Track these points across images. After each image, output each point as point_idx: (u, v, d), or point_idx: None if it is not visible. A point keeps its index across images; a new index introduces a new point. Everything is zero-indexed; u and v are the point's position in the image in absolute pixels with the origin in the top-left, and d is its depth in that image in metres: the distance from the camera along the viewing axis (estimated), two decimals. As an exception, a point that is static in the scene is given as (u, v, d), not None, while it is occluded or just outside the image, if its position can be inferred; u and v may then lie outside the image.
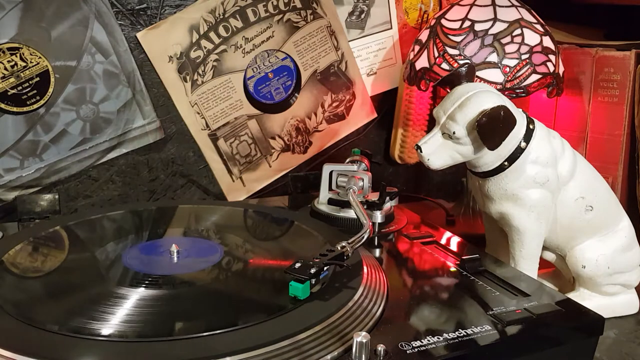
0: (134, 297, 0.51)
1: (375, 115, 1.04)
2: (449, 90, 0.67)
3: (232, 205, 0.81)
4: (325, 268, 0.51)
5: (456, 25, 0.82)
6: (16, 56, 0.80)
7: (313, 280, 0.50)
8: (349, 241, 0.55)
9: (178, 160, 0.92)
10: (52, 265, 0.60)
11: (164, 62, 0.87)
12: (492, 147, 0.62)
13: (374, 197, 0.73)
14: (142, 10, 0.85)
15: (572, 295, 0.66)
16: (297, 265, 0.51)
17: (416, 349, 0.46)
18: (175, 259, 0.60)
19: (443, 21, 0.84)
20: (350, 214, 0.73)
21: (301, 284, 0.49)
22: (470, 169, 0.69)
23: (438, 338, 0.48)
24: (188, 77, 0.89)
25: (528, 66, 0.79)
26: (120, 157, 0.88)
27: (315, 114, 0.99)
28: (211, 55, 0.89)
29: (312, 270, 0.50)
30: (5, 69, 0.79)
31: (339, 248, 0.54)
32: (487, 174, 0.67)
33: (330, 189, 0.77)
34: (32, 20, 0.79)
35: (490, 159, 0.65)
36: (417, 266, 0.64)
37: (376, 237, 0.70)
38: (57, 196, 0.77)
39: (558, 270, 0.75)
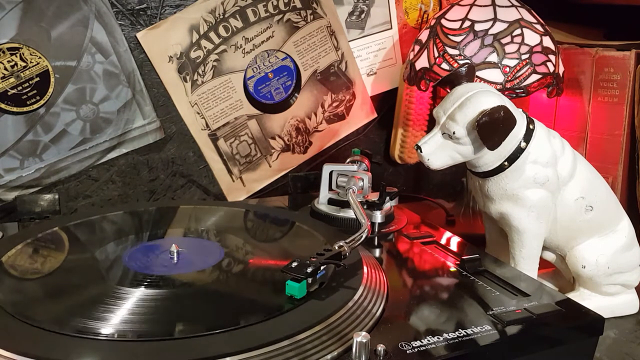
0: (134, 297, 0.51)
1: (375, 115, 1.04)
2: (449, 90, 0.67)
3: (232, 206, 0.81)
4: (322, 267, 0.51)
5: (456, 25, 0.82)
6: (16, 56, 0.80)
7: (310, 280, 0.50)
8: (347, 241, 0.55)
9: (178, 160, 0.92)
10: (52, 265, 0.60)
11: (164, 62, 0.87)
12: (492, 147, 0.62)
13: (374, 197, 0.73)
14: (142, 10, 0.85)
15: (572, 295, 0.66)
16: (294, 264, 0.51)
17: (416, 349, 0.46)
18: (175, 259, 0.60)
19: (443, 21, 0.84)
20: (350, 214, 0.73)
21: (297, 283, 0.49)
22: (470, 169, 0.69)
23: (438, 338, 0.48)
24: (188, 77, 0.89)
25: (528, 66, 0.79)
26: (120, 157, 0.88)
27: (315, 114, 0.99)
28: (211, 55, 0.89)
29: (309, 270, 0.50)
30: (5, 69, 0.79)
31: (337, 248, 0.54)
32: (487, 174, 0.67)
33: (330, 189, 0.77)
34: (32, 20, 0.79)
35: (490, 159, 0.65)
36: (417, 266, 0.64)
37: (376, 237, 0.70)
38: (57, 196, 0.77)
39: (558, 270, 0.75)
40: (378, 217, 0.72)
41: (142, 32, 0.85)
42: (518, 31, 0.80)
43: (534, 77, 0.79)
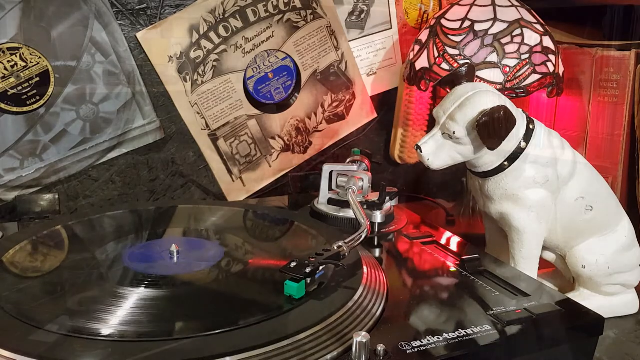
0: (134, 297, 0.51)
1: (375, 115, 1.04)
2: (449, 90, 0.67)
3: (232, 206, 0.81)
4: (320, 268, 0.51)
5: (456, 25, 0.82)
6: (16, 56, 0.80)
7: (308, 280, 0.50)
8: (346, 241, 0.55)
9: (178, 160, 0.92)
10: (52, 265, 0.60)
11: (164, 62, 0.87)
12: (492, 147, 0.62)
13: (374, 197, 0.73)
14: (142, 10, 0.85)
15: (572, 295, 0.66)
16: (293, 264, 0.51)
17: (416, 349, 0.46)
18: (175, 259, 0.60)
19: (443, 21, 0.84)
20: (350, 214, 0.73)
21: (296, 283, 0.49)
22: (470, 169, 0.69)
23: (438, 338, 0.48)
24: (188, 77, 0.89)
25: (528, 66, 0.79)
26: (120, 157, 0.88)
27: (315, 114, 0.99)
28: (211, 55, 0.89)
29: (308, 270, 0.50)
30: (5, 69, 0.79)
31: (336, 248, 0.54)
32: (487, 174, 0.67)
33: (330, 189, 0.77)
34: (32, 20, 0.79)
35: (490, 159, 0.65)
36: (417, 266, 0.64)
37: (376, 237, 0.70)
38: (57, 196, 0.77)
39: (558, 270, 0.75)
40: (378, 217, 0.72)
41: (142, 32, 0.85)
42: (518, 31, 0.80)
43: (534, 77, 0.79)
